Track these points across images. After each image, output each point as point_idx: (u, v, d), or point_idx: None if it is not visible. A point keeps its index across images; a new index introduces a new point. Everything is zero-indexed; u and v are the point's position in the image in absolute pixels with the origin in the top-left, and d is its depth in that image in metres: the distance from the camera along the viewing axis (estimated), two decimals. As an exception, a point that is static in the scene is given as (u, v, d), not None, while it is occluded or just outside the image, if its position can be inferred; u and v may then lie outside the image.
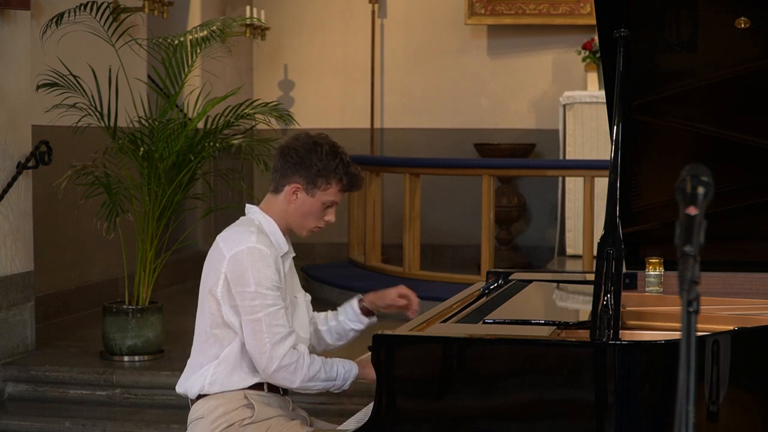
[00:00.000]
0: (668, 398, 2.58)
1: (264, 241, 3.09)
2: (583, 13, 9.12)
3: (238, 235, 3.12)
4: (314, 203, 3.17)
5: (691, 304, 1.52)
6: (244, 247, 3.06)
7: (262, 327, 3.03)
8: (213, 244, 3.18)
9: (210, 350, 3.16)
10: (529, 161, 8.79)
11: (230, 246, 3.10)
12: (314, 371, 3.08)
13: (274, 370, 3.04)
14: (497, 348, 2.71)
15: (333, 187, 3.16)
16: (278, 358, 3.03)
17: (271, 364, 3.03)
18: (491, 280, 3.87)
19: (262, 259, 3.05)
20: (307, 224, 3.20)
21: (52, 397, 5.53)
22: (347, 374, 3.14)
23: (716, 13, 3.33)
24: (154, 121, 5.63)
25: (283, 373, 3.04)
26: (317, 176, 3.14)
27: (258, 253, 3.05)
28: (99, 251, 7.08)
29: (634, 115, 3.42)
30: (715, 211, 3.05)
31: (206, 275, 3.17)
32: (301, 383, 3.07)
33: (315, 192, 3.15)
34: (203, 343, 3.17)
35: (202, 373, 3.16)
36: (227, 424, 3.11)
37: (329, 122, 9.77)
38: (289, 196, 3.17)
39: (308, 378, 3.07)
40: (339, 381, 3.13)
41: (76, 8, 5.55)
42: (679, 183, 1.62)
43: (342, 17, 9.86)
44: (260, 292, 3.04)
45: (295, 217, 3.19)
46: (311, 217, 3.18)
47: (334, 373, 3.11)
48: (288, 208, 3.18)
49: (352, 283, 7.43)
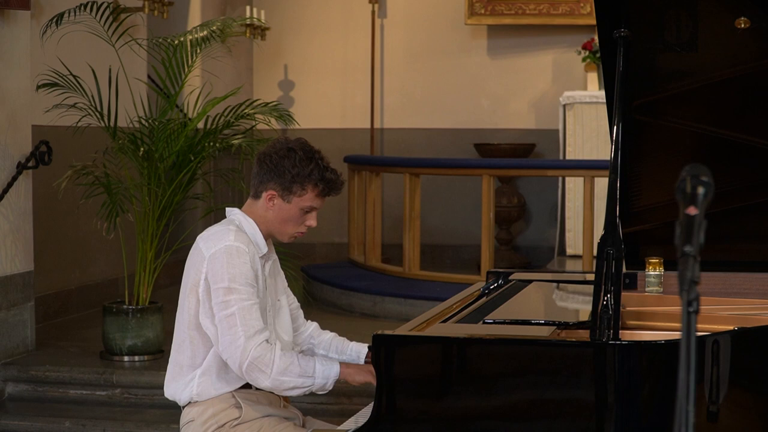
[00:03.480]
0: (668, 398, 2.58)
1: (242, 239, 3.11)
2: (583, 13, 9.12)
3: (217, 234, 3.14)
4: (291, 209, 3.17)
5: (691, 304, 1.52)
6: (221, 246, 3.08)
7: (236, 321, 3.02)
8: (194, 244, 3.19)
9: (186, 351, 3.16)
10: (529, 161, 8.79)
11: (209, 246, 3.11)
12: (286, 363, 3.01)
13: (248, 363, 3.00)
14: (497, 348, 2.71)
15: (309, 193, 3.16)
16: (251, 349, 3.00)
17: (244, 357, 3.00)
18: (491, 280, 3.87)
19: (239, 256, 3.06)
20: (287, 230, 3.20)
21: (52, 397, 5.53)
22: (327, 372, 3.06)
23: (716, 13, 3.33)
24: (154, 121, 5.63)
25: (256, 365, 3.00)
26: (292, 182, 3.14)
27: (235, 250, 3.07)
28: (99, 251, 7.08)
29: (634, 115, 3.42)
30: (715, 211, 3.05)
31: (187, 276, 3.18)
32: (274, 377, 3.01)
33: (291, 198, 3.16)
34: (180, 343, 3.19)
35: (186, 384, 3.16)
36: (218, 425, 3.12)
37: (329, 122, 9.78)
38: (266, 203, 3.18)
39: (280, 371, 3.00)
40: (318, 379, 3.05)
41: (76, 8, 5.54)
42: (679, 183, 1.62)
43: (342, 17, 9.86)
44: (234, 288, 3.04)
45: (274, 224, 3.19)
46: (290, 223, 3.19)
47: (310, 369, 3.04)
48: (267, 215, 3.19)
49: (352, 283, 7.43)
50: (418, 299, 6.81)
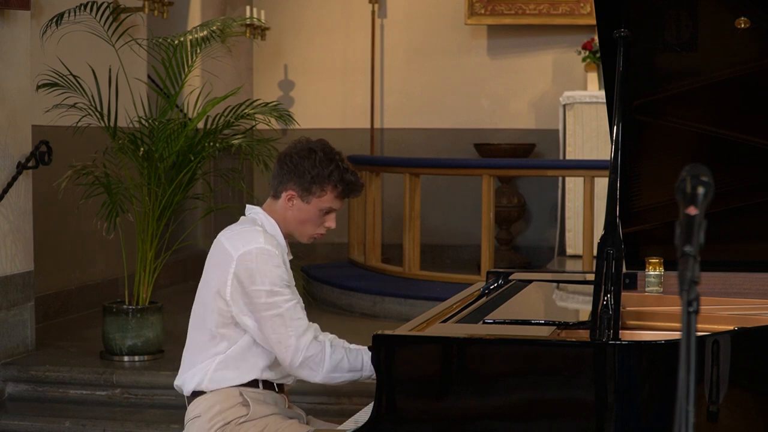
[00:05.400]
0: (668, 398, 2.58)
1: (271, 242, 3.12)
2: (583, 13, 9.12)
3: (244, 234, 3.13)
4: (311, 210, 3.18)
5: (691, 304, 1.52)
6: (252, 248, 3.08)
7: (285, 321, 3.05)
8: (215, 243, 3.18)
9: (213, 348, 3.17)
10: (529, 161, 8.79)
11: (237, 246, 3.10)
12: (337, 360, 3.06)
13: (300, 362, 3.05)
14: (497, 348, 2.70)
15: (328, 194, 3.17)
16: (303, 349, 3.04)
17: (297, 356, 3.04)
18: (491, 280, 3.87)
19: (272, 260, 3.08)
20: (306, 231, 3.22)
21: (52, 397, 5.53)
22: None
23: (716, 13, 3.33)
24: (154, 121, 5.63)
25: (308, 364, 3.05)
26: (311, 183, 3.15)
27: (267, 253, 3.07)
28: (99, 251, 7.08)
29: (634, 115, 3.42)
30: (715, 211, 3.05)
31: (211, 275, 3.17)
32: (325, 374, 3.07)
33: (310, 198, 3.16)
34: (208, 341, 3.18)
35: (201, 369, 3.16)
36: (224, 422, 3.12)
37: (329, 122, 9.78)
38: (285, 203, 3.19)
39: (332, 368, 3.06)
40: (366, 371, 3.10)
41: (76, 8, 5.54)
42: (679, 183, 1.62)
43: (342, 17, 9.86)
44: (276, 290, 3.06)
45: (294, 224, 3.21)
46: (309, 224, 3.20)
47: (359, 363, 3.10)
48: (286, 215, 3.20)
49: (352, 283, 7.43)
50: (418, 299, 6.81)
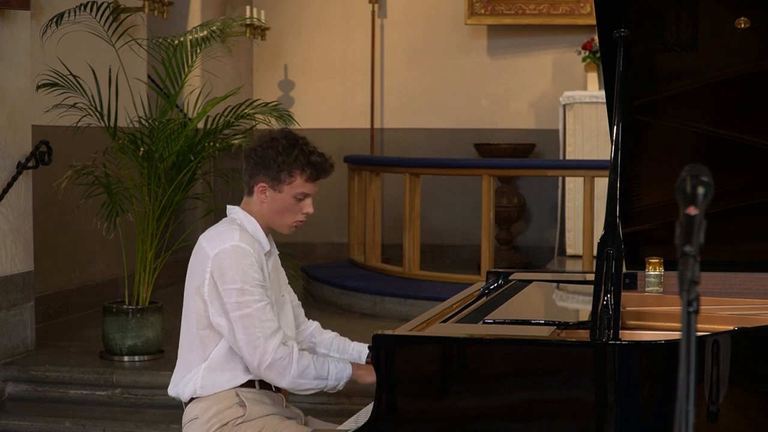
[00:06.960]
0: (668, 398, 2.58)
1: (246, 239, 3.11)
2: (583, 13, 9.12)
3: (221, 234, 3.14)
4: (284, 198, 3.17)
5: (691, 304, 1.51)
6: (227, 246, 3.08)
7: (254, 321, 3.04)
8: (196, 244, 3.20)
9: (196, 351, 3.17)
10: (529, 161, 8.78)
11: (214, 245, 3.12)
12: (303, 366, 3.07)
13: (267, 364, 3.04)
14: (497, 348, 2.70)
15: (297, 179, 3.15)
16: (271, 351, 3.03)
17: (264, 358, 3.04)
18: (491, 280, 3.86)
19: (245, 258, 3.07)
20: (285, 220, 3.20)
21: (52, 397, 5.53)
22: (340, 374, 3.14)
23: (716, 13, 3.33)
24: (154, 121, 5.63)
25: (276, 367, 3.04)
26: (279, 171, 3.15)
27: (241, 251, 3.07)
28: (99, 251, 7.08)
29: (634, 115, 3.42)
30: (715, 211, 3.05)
31: (191, 275, 3.19)
32: (292, 379, 3.07)
33: (281, 187, 3.16)
34: (189, 343, 3.20)
35: (191, 377, 3.17)
36: (221, 423, 3.12)
37: (329, 122, 9.78)
38: (259, 197, 3.19)
39: (298, 374, 3.06)
40: (331, 381, 3.12)
41: (76, 8, 5.54)
42: (679, 183, 1.62)
43: (342, 17, 9.86)
44: (247, 289, 3.05)
45: (272, 216, 3.20)
46: (286, 212, 3.19)
47: (325, 371, 3.11)
48: (263, 209, 3.19)
49: (352, 283, 7.43)
50: (418, 299, 6.80)
